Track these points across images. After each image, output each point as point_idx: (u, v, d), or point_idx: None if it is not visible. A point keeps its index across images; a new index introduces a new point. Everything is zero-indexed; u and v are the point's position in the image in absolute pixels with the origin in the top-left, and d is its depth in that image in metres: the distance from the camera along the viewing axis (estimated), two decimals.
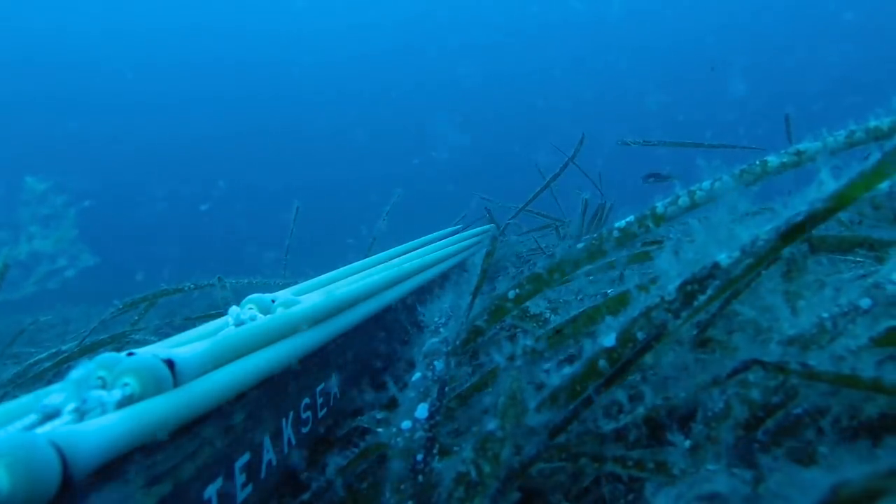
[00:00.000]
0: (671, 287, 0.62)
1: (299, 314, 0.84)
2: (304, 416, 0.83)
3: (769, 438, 0.63)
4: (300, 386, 0.83)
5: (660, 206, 0.83)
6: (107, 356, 0.56)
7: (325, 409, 0.91)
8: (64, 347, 1.87)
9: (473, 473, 0.55)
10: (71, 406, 0.50)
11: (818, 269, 0.85)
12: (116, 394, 0.53)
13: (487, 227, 3.37)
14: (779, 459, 0.59)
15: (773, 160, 0.80)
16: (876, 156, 0.53)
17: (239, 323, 0.79)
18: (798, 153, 0.80)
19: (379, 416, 0.86)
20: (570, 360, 0.81)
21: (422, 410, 0.63)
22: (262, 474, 0.69)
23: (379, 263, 1.45)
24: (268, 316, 0.82)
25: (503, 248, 2.71)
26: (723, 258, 0.61)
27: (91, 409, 0.51)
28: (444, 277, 1.98)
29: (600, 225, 2.88)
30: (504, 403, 0.59)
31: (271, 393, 0.74)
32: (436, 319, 0.85)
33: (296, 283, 1.15)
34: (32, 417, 0.49)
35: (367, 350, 1.15)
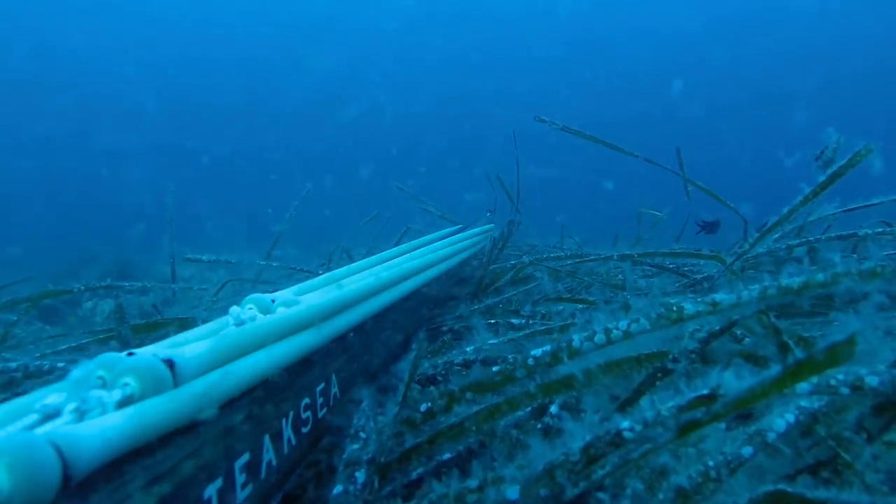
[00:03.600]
0: (575, 446, 0.66)
1: (299, 314, 0.84)
2: (304, 416, 0.83)
3: None
4: (300, 386, 0.83)
5: (576, 339, 0.83)
6: (107, 356, 0.56)
7: (325, 409, 0.91)
8: None
9: None
10: (71, 406, 0.50)
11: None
12: (116, 394, 0.53)
13: (488, 226, 3.35)
14: None
15: (689, 307, 0.82)
16: (776, 369, 0.57)
17: (239, 323, 0.79)
18: (714, 303, 0.82)
19: None
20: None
21: None
22: (262, 474, 0.68)
23: (379, 263, 1.45)
24: (268, 316, 0.82)
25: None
26: (625, 426, 0.65)
27: (91, 408, 0.51)
28: (446, 275, 1.98)
29: (506, 243, 2.88)
30: None
31: (271, 393, 0.74)
32: (354, 422, 0.84)
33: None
34: (32, 417, 0.49)
35: (367, 350, 1.15)
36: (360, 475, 0.72)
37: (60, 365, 1.44)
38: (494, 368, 0.88)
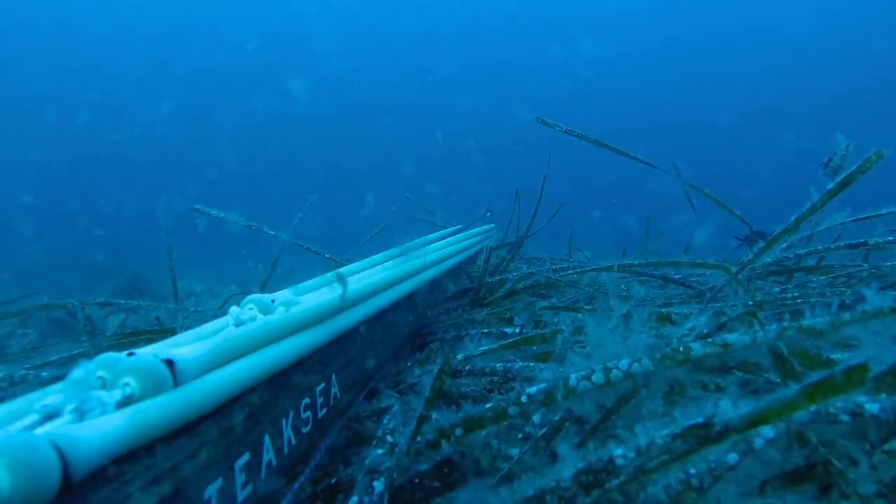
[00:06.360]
0: (567, 473, 0.64)
1: (299, 314, 0.84)
2: (304, 416, 0.83)
3: None
4: (300, 386, 0.83)
5: (573, 377, 0.80)
6: (107, 356, 0.56)
7: (325, 409, 0.91)
8: None
9: None
10: (71, 406, 0.50)
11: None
12: (116, 394, 0.53)
13: (489, 226, 3.36)
14: None
15: (697, 348, 0.78)
16: (791, 390, 0.58)
17: (239, 323, 0.79)
18: (725, 345, 0.78)
19: None
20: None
21: None
22: (262, 474, 0.68)
23: (379, 263, 1.45)
24: (268, 316, 0.82)
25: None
26: (618, 454, 0.64)
27: (91, 409, 0.51)
28: (445, 277, 1.97)
29: (516, 253, 2.89)
30: None
31: (271, 393, 0.74)
32: (385, 422, 0.84)
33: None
34: (32, 417, 0.48)
35: (367, 350, 1.15)
36: (379, 484, 0.71)
37: (45, 375, 1.48)
38: (487, 405, 0.86)
